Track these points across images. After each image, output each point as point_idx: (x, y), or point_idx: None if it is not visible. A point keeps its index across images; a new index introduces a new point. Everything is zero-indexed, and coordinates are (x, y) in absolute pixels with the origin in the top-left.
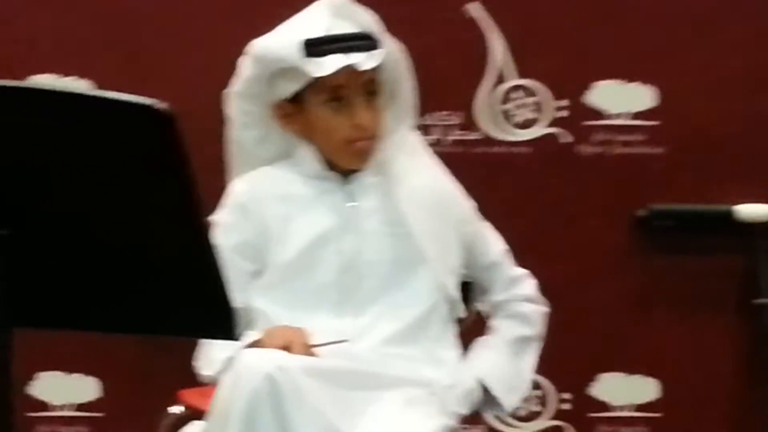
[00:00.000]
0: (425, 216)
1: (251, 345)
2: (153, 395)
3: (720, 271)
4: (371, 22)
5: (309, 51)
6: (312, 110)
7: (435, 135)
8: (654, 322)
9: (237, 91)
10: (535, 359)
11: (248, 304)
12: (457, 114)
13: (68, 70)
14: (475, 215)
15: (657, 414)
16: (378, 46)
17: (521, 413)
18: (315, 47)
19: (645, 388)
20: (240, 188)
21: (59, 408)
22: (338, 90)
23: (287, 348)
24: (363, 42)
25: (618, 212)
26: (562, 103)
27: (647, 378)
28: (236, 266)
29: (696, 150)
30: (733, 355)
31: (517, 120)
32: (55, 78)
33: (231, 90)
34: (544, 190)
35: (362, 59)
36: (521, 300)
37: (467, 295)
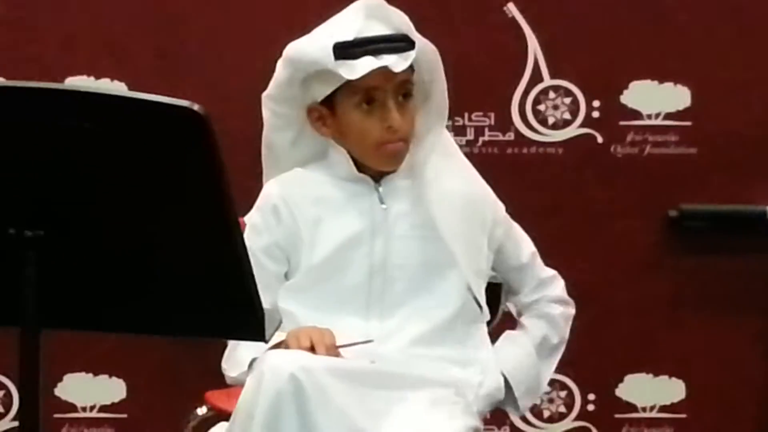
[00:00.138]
0: (455, 219)
1: (276, 346)
2: (179, 397)
3: (751, 273)
4: (405, 24)
5: (341, 54)
6: (345, 113)
7: (469, 135)
8: (683, 323)
9: (270, 94)
10: (555, 365)
11: (276, 306)
12: (491, 114)
13: (103, 72)
14: (506, 217)
15: (682, 415)
16: (411, 48)
17: (546, 414)
18: (347, 50)
19: (671, 390)
20: (272, 190)
21: (86, 409)
22: (371, 92)
23: (312, 349)
24: (396, 44)
25: (650, 212)
26: (596, 104)
27: (673, 379)
28: (265, 268)
29: (729, 150)
30: (761, 358)
31: (551, 121)
32: (91, 80)
33: (265, 93)
34: (577, 191)
35: (394, 61)
36: (550, 301)
37: (495, 297)
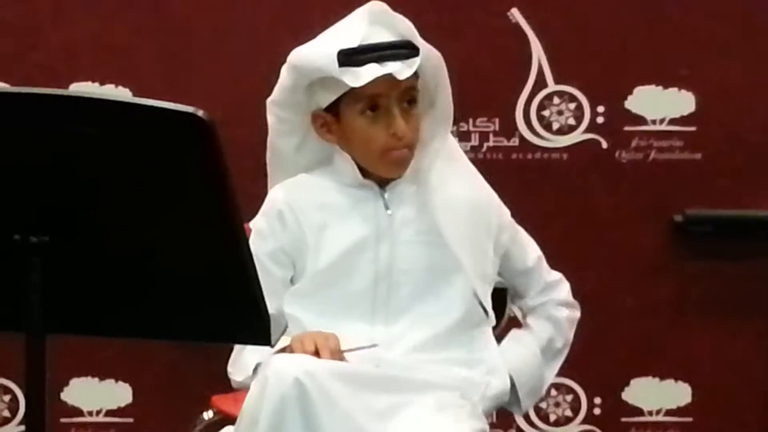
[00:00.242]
0: (460, 225)
1: (280, 351)
2: (185, 401)
3: (756, 277)
4: (409, 30)
5: (345, 61)
6: (349, 120)
7: (473, 141)
8: (688, 328)
9: (275, 99)
10: (558, 367)
11: (282, 311)
12: (496, 120)
13: (108, 78)
14: (512, 222)
15: (688, 419)
16: (415, 55)
17: (553, 418)
18: (351, 57)
19: (677, 393)
20: (277, 195)
21: (92, 414)
22: (375, 99)
23: (316, 353)
24: (400, 51)
25: (655, 218)
26: (600, 110)
27: (679, 383)
28: (271, 273)
29: (733, 156)
30: (766, 361)
31: (556, 126)
32: (95, 86)
33: (270, 98)
34: (582, 196)
35: (398, 68)
36: (556, 304)
37: (501, 302)
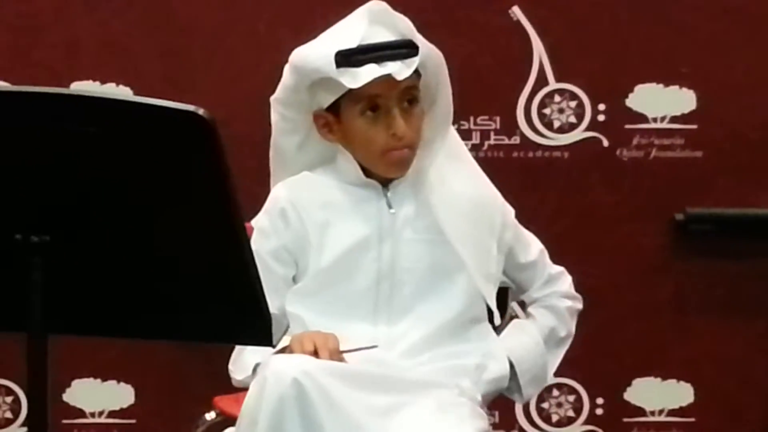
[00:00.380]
0: (462, 223)
1: (280, 351)
2: (187, 402)
3: (758, 276)
4: (409, 29)
5: (344, 62)
6: (350, 120)
7: (474, 140)
8: (690, 327)
9: (278, 98)
10: (561, 357)
11: (284, 310)
12: (497, 118)
13: (109, 77)
14: (514, 220)
15: (691, 419)
16: (415, 54)
17: (555, 418)
18: (349, 58)
19: (679, 393)
20: (280, 193)
21: (94, 415)
22: (375, 99)
23: (315, 353)
24: (399, 50)
25: (656, 216)
26: (601, 107)
27: (681, 383)
28: (273, 271)
29: (734, 154)
30: None
31: (557, 124)
32: (96, 84)
33: (273, 96)
34: (583, 194)
35: (398, 69)
36: (559, 296)
37: (503, 301)
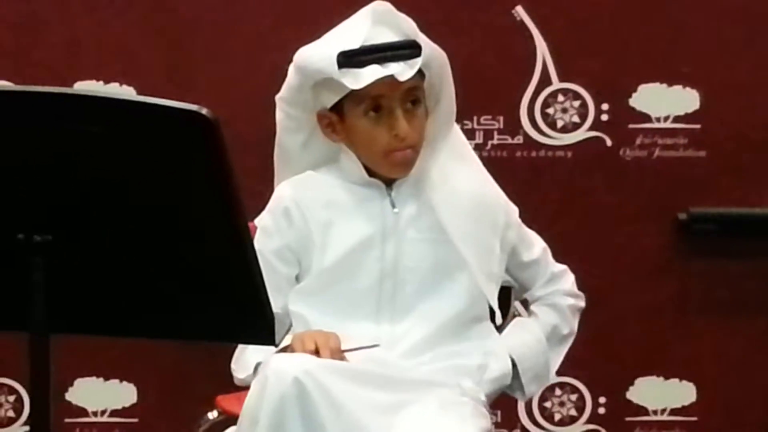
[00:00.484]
0: (464, 221)
1: (282, 350)
2: (190, 401)
3: (761, 275)
4: (412, 29)
5: (346, 62)
6: (353, 120)
7: (477, 139)
8: (693, 326)
9: (283, 96)
10: (564, 354)
11: (287, 309)
12: (500, 118)
13: (112, 77)
14: (517, 219)
15: (693, 418)
16: (418, 55)
17: (557, 417)
18: (352, 58)
19: (681, 393)
20: (284, 192)
21: (97, 414)
22: (378, 100)
23: (316, 352)
24: (402, 51)
25: (659, 216)
26: (605, 107)
27: (683, 382)
28: (276, 270)
29: (738, 153)
30: None
31: (560, 124)
32: (100, 84)
33: (278, 94)
34: (586, 194)
35: (400, 70)
36: (562, 294)
37: (505, 300)
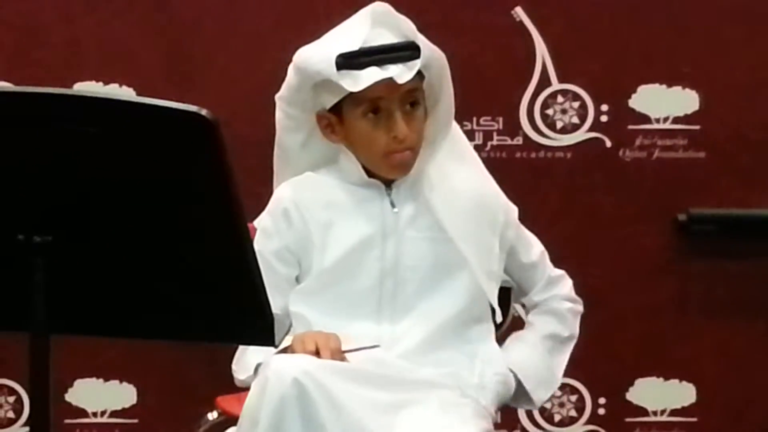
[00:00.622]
0: (463, 220)
1: (282, 351)
2: (190, 402)
3: (760, 276)
4: (412, 31)
5: (345, 64)
6: (351, 122)
7: (477, 140)
8: (692, 327)
9: (283, 96)
10: (567, 357)
11: (287, 310)
12: (500, 119)
13: (112, 78)
14: (516, 220)
15: (693, 419)
16: (417, 56)
17: (557, 418)
18: (351, 60)
19: (681, 393)
20: (283, 194)
21: (96, 415)
22: (376, 102)
23: (317, 353)
24: (401, 53)
25: (659, 217)
26: (604, 108)
27: (683, 383)
28: (276, 271)
29: (737, 154)
30: None
31: (559, 125)
32: (99, 85)
33: (278, 94)
34: (586, 195)
35: (399, 72)
36: (560, 299)
37: (506, 301)
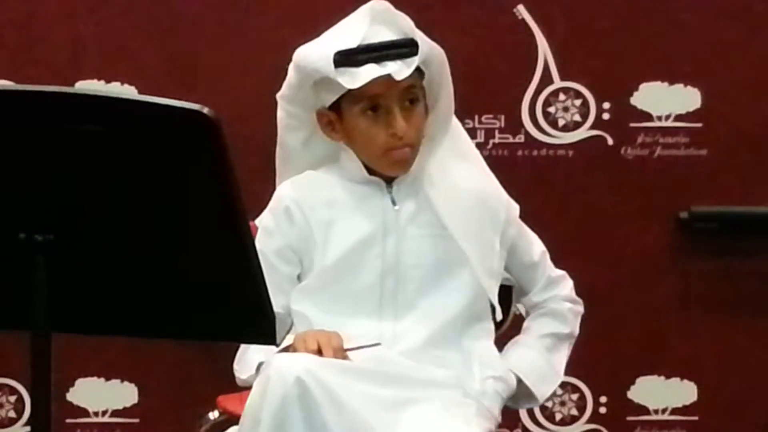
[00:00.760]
0: (464, 218)
1: (283, 350)
2: (191, 401)
3: (763, 274)
4: (411, 28)
5: (343, 62)
6: (351, 119)
7: (479, 138)
8: (694, 325)
9: (284, 94)
10: (568, 354)
11: (288, 309)
12: (502, 117)
13: (114, 76)
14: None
15: (694, 417)
16: (416, 53)
17: (558, 417)
18: (348, 58)
19: (682, 392)
20: (284, 192)
21: (98, 414)
22: (375, 99)
23: (319, 351)
24: (399, 50)
25: (661, 214)
26: (606, 106)
27: (684, 381)
28: (278, 270)
29: (739, 152)
30: None
31: (561, 122)
32: (101, 83)
33: (279, 92)
34: (587, 193)
35: (397, 68)
36: (560, 300)
37: (507, 299)
